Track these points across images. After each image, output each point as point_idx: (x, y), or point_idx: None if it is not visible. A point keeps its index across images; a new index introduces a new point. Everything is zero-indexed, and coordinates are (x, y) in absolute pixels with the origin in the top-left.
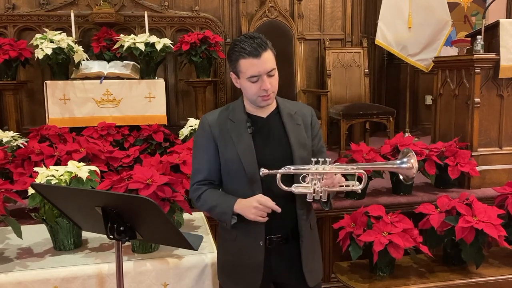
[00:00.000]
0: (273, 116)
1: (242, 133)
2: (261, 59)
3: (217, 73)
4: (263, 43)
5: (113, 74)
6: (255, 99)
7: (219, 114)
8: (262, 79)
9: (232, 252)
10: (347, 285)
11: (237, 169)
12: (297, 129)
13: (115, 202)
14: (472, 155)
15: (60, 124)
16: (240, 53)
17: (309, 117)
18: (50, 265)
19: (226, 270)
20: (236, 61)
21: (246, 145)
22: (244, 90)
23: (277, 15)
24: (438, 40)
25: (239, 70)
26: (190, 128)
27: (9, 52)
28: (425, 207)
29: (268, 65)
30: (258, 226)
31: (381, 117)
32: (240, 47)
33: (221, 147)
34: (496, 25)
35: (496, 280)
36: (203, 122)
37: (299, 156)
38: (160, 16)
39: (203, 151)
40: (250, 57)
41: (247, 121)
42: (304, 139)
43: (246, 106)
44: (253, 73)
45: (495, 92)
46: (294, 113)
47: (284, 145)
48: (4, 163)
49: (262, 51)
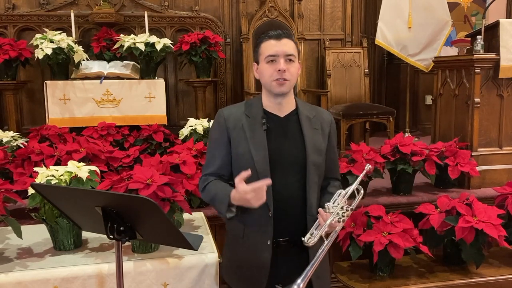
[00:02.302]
0: (291, 117)
1: (256, 129)
2: (281, 41)
3: (217, 73)
4: (288, 33)
5: (113, 74)
6: (270, 84)
7: (236, 109)
8: (279, 60)
9: (239, 249)
10: (347, 285)
11: (248, 164)
12: (314, 134)
13: (115, 202)
14: (472, 155)
15: (60, 124)
16: (263, 38)
17: (328, 124)
18: (50, 265)
19: (233, 268)
20: (258, 46)
21: (259, 141)
22: (262, 75)
23: (277, 15)
24: (438, 40)
25: (259, 54)
26: (190, 128)
27: (9, 52)
28: (425, 207)
29: (287, 48)
30: (266, 225)
31: (381, 117)
32: (265, 34)
33: (233, 141)
34: (496, 25)
35: (496, 280)
36: (218, 115)
37: (312, 161)
38: (160, 16)
39: (216, 144)
40: (271, 39)
41: (263, 118)
42: (320, 144)
43: (264, 102)
44: (270, 52)
45: (495, 92)
46: (313, 116)
47: (298, 148)
48: (4, 163)
49: (284, 36)
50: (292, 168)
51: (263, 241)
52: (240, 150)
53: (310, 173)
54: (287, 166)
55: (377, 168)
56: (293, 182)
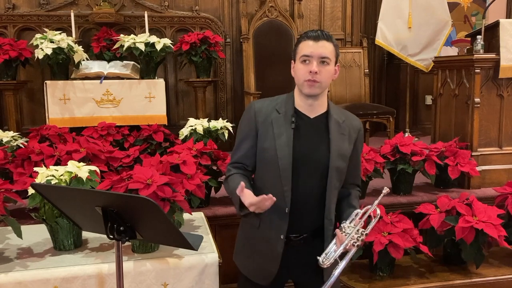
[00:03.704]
0: (320, 119)
1: (284, 126)
2: (318, 43)
3: (217, 73)
4: (327, 35)
5: (113, 74)
6: (302, 83)
7: (268, 103)
8: (312, 61)
9: (254, 238)
10: (347, 285)
11: (271, 159)
12: (341, 139)
13: (115, 202)
14: (472, 155)
15: (60, 124)
16: (303, 38)
17: (356, 131)
18: (50, 265)
19: (245, 253)
20: (297, 45)
21: (286, 138)
22: (295, 74)
23: (277, 15)
24: (438, 40)
25: (296, 52)
26: (190, 128)
27: (9, 52)
28: (425, 207)
29: (323, 50)
30: (281, 220)
31: (381, 117)
32: (305, 33)
33: (260, 135)
34: (496, 25)
35: (496, 280)
36: (249, 107)
37: (335, 166)
38: (160, 16)
39: (244, 135)
40: (309, 40)
41: (293, 116)
42: (345, 150)
43: (296, 100)
44: (305, 52)
45: (495, 92)
46: (342, 121)
47: (323, 151)
48: (4, 163)
49: (323, 39)
50: (314, 169)
51: (277, 235)
52: (266, 145)
53: (331, 177)
54: (309, 167)
55: (377, 168)
56: (313, 184)
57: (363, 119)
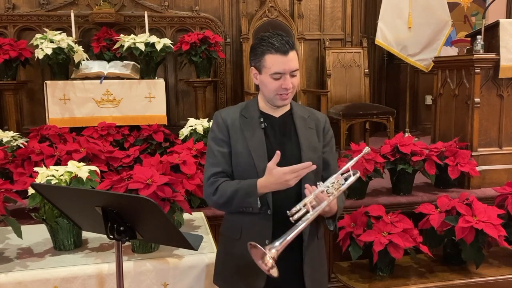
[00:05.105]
0: (286, 117)
1: (254, 128)
2: (288, 57)
3: (217, 73)
4: (291, 42)
5: (113, 74)
6: (273, 97)
7: (232, 110)
8: (285, 77)
9: (236, 250)
10: (347, 285)
11: (247, 162)
12: (309, 132)
13: (115, 202)
14: (472, 155)
15: (60, 124)
16: (268, 48)
17: (322, 123)
18: (50, 265)
19: (228, 270)
20: (261, 55)
21: (257, 139)
22: (264, 86)
23: (277, 15)
24: (438, 40)
25: (263, 65)
26: (190, 128)
27: (9, 52)
28: (425, 207)
29: (293, 64)
30: (265, 224)
31: (381, 117)
32: (268, 42)
33: (232, 140)
34: (496, 25)
35: (496, 280)
36: (216, 116)
37: (307, 158)
38: (160, 16)
39: (218, 144)
40: (277, 53)
41: (260, 117)
42: (315, 142)
43: (260, 104)
44: (278, 69)
45: (495, 92)
46: (307, 116)
47: (294, 146)
48: (4, 163)
49: (290, 49)
50: (288, 165)
51: (262, 242)
52: (239, 149)
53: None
54: (284, 164)
55: (377, 168)
56: None
57: (363, 119)
